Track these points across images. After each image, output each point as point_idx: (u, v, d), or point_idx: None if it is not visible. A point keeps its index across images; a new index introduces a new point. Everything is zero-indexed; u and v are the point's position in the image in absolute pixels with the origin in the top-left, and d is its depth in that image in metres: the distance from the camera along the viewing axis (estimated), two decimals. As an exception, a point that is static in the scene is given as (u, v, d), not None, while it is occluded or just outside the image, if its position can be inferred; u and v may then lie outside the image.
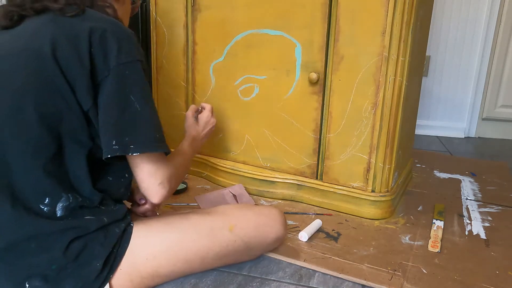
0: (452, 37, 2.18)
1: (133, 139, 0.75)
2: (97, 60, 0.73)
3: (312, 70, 1.20)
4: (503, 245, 1.10)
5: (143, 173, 0.78)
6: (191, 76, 1.42)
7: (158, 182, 0.79)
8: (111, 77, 0.74)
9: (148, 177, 0.78)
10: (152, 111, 0.79)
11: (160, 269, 0.81)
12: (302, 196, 1.31)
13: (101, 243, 0.75)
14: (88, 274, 0.73)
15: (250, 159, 1.38)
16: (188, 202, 1.28)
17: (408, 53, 1.10)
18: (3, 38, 0.76)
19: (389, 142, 1.16)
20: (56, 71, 0.71)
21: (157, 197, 0.80)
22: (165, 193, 0.80)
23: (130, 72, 0.76)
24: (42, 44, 0.72)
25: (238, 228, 0.88)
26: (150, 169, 0.78)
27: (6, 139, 0.70)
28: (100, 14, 0.79)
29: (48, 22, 0.75)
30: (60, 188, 0.73)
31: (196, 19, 1.36)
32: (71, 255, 0.72)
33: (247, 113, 1.34)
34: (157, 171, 0.79)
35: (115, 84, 0.74)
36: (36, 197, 0.72)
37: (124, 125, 0.74)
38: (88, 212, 0.76)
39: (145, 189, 0.79)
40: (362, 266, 0.97)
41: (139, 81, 0.77)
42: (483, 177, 1.62)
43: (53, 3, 0.76)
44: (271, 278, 0.92)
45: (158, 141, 0.78)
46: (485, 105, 2.24)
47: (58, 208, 0.73)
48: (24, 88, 0.71)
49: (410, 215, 1.25)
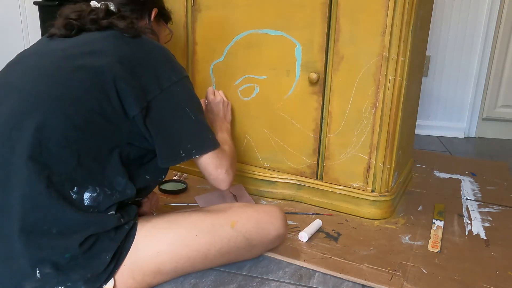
0: (452, 37, 2.18)
1: (194, 144, 0.88)
2: (149, 80, 0.84)
3: (312, 70, 1.20)
4: (503, 245, 1.10)
5: (210, 168, 0.92)
6: (191, 76, 1.42)
7: (224, 171, 0.93)
8: (165, 95, 0.85)
9: (215, 170, 0.92)
10: (202, 115, 0.93)
11: (162, 266, 0.82)
12: (302, 196, 1.31)
13: (111, 238, 0.78)
14: (97, 265, 0.75)
15: (250, 159, 1.38)
16: (188, 202, 1.28)
17: (408, 53, 1.10)
18: (68, 42, 0.85)
19: (389, 142, 1.16)
20: (109, 81, 0.79)
21: (225, 183, 0.95)
22: (231, 178, 0.96)
23: (182, 89, 0.88)
24: (103, 56, 0.81)
25: (239, 224, 0.89)
26: (215, 163, 0.92)
27: (51, 126, 0.75)
28: (151, 39, 0.91)
29: (112, 38, 0.86)
30: (89, 180, 0.77)
31: (196, 19, 1.36)
32: (85, 247, 0.75)
33: (247, 113, 1.34)
34: (221, 162, 0.93)
35: (171, 100, 0.86)
36: (68, 184, 0.75)
37: (185, 134, 0.88)
38: (113, 208, 0.79)
39: (214, 180, 0.94)
40: (362, 266, 0.97)
41: (189, 95, 0.91)
42: (483, 177, 1.62)
43: (118, 22, 0.87)
44: (271, 278, 0.92)
45: (213, 140, 0.92)
46: (485, 105, 2.24)
47: (85, 197, 0.77)
48: (78, 87, 0.78)
49: (410, 215, 1.25)
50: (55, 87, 0.78)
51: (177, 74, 0.88)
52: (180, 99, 0.87)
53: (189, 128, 0.88)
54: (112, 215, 0.79)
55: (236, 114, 1.36)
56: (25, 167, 0.72)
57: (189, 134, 0.88)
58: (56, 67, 0.80)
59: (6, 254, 0.72)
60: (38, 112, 0.75)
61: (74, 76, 0.79)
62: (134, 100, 0.80)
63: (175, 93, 0.87)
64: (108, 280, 0.77)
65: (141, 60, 0.84)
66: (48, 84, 0.78)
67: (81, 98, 0.77)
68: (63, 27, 0.87)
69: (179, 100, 0.87)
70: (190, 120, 0.88)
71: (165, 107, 0.85)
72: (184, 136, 0.87)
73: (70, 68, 0.79)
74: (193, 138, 0.88)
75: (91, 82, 0.78)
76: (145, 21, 1.03)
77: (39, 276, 0.72)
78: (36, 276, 0.71)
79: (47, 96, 0.76)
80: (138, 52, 0.85)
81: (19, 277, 0.72)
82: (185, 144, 0.87)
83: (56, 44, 0.86)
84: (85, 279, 0.74)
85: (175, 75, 0.87)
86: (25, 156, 0.72)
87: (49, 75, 0.79)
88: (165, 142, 0.86)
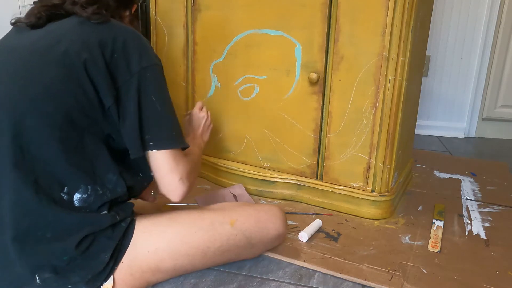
0: (452, 37, 2.18)
1: (153, 136, 0.81)
2: (119, 65, 0.79)
3: (312, 70, 1.20)
4: (503, 245, 1.10)
5: (163, 169, 0.83)
6: (191, 76, 1.42)
7: (179, 177, 0.83)
8: (134, 80, 0.80)
9: (169, 173, 0.83)
10: (171, 110, 0.85)
11: (161, 264, 0.82)
12: (302, 196, 1.31)
13: (108, 236, 0.77)
14: (96, 265, 0.75)
15: (250, 159, 1.38)
16: (188, 202, 1.28)
17: (408, 53, 1.10)
18: (36, 34, 0.81)
19: (389, 142, 1.16)
20: (82, 71, 0.76)
21: (177, 193, 0.85)
22: (185, 189, 0.85)
23: (151, 75, 0.82)
24: (72, 45, 0.77)
25: (239, 222, 0.89)
26: (170, 165, 0.83)
27: (30, 128, 0.73)
28: (121, 24, 0.85)
29: (78, 25, 0.81)
30: (79, 179, 0.76)
31: (196, 19, 1.36)
32: (82, 248, 0.74)
33: (247, 113, 1.34)
34: (178, 167, 0.83)
35: (138, 86, 0.80)
36: (57, 185, 0.74)
37: (146, 124, 0.80)
38: (105, 207, 0.78)
39: (166, 186, 0.84)
40: (362, 266, 0.97)
41: (158, 83, 0.84)
42: (483, 177, 1.62)
43: (82, 11, 0.82)
44: (271, 278, 0.92)
45: (176, 138, 0.84)
46: (485, 105, 2.24)
47: (75, 198, 0.76)
48: (52, 83, 0.75)
49: (410, 215, 1.25)
50: (28, 87, 0.75)
51: (148, 60, 0.83)
52: (147, 86, 0.81)
53: (152, 117, 0.81)
54: (106, 215, 0.77)
55: (236, 114, 1.36)
56: (10, 175, 0.71)
57: (150, 124, 0.81)
58: (26, 65, 0.77)
59: (4, 262, 0.72)
60: (14, 116, 0.73)
61: (46, 72, 0.75)
62: (107, 89, 0.77)
63: (143, 79, 0.81)
64: (107, 278, 0.77)
65: (110, 45, 0.79)
66: (21, 84, 0.75)
67: (56, 96, 0.75)
68: (33, 15, 0.82)
69: (147, 86, 0.81)
70: (155, 110, 0.82)
71: (131, 93, 0.79)
72: (145, 125, 0.80)
73: (41, 64, 0.76)
74: (154, 129, 0.81)
75: (63, 76, 0.75)
76: (126, 12, 0.98)
77: (39, 282, 0.71)
78: (36, 282, 0.71)
79: (21, 98, 0.74)
80: (107, 37, 0.80)
81: (19, 284, 0.71)
82: (144, 134, 0.80)
83: (25, 37, 0.82)
84: (86, 280, 0.74)
85: (146, 61, 0.82)
86: (9, 164, 0.71)
87: (20, 75, 0.76)
88: (128, 131, 0.80)
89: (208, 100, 1.40)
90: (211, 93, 1.39)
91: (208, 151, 1.46)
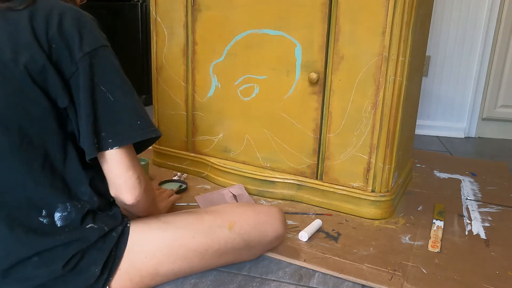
0: (452, 37, 2.18)
1: (110, 133, 0.71)
2: (61, 55, 0.68)
3: (312, 70, 1.20)
4: (503, 245, 1.10)
5: (120, 167, 0.72)
6: (191, 76, 1.42)
7: (136, 176, 0.74)
8: (80, 70, 0.69)
9: (126, 171, 0.73)
10: (128, 98, 0.73)
11: (159, 268, 0.81)
12: (302, 196, 1.31)
13: (98, 248, 0.74)
14: (85, 280, 0.73)
15: (250, 159, 1.38)
16: (188, 202, 1.28)
17: (408, 53, 1.10)
18: None
19: (389, 142, 1.16)
20: (26, 79, 0.66)
21: (132, 193, 0.74)
22: (141, 190, 0.75)
23: (97, 61, 0.70)
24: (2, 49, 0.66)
25: (237, 226, 0.88)
26: (127, 163, 0.73)
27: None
28: (50, 0, 0.71)
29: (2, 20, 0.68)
30: (55, 198, 0.72)
31: (196, 19, 1.36)
32: (70, 266, 0.72)
33: (247, 113, 1.34)
34: (135, 165, 0.74)
35: (84, 77, 0.69)
36: (32, 212, 0.70)
37: (100, 120, 0.70)
38: (89, 220, 0.75)
39: (121, 185, 0.73)
40: (362, 266, 0.97)
41: (108, 69, 0.72)
42: (483, 177, 1.61)
43: None
44: (271, 278, 0.92)
45: (137, 129, 0.73)
46: (485, 105, 2.24)
47: (56, 219, 0.72)
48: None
49: (410, 215, 1.25)
50: None
51: (91, 42, 0.69)
52: (95, 74, 0.69)
53: (106, 111, 0.70)
54: (92, 228, 0.74)
55: (236, 114, 1.36)
56: None
57: (104, 119, 0.70)
58: None
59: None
60: None
61: None
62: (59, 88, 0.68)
63: (88, 67, 0.69)
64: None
65: (45, 33, 0.67)
66: None
67: (5, 119, 0.66)
68: None
69: (94, 75, 0.69)
70: (108, 102, 0.70)
71: (79, 86, 0.69)
72: (99, 122, 0.70)
73: None
74: (109, 125, 0.71)
75: (5, 94, 0.66)
76: None
77: None
78: None
79: None
80: (40, 23, 0.67)
81: None
82: (99, 132, 0.70)
83: None
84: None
85: (88, 44, 0.69)
86: None
87: None
88: (83, 130, 0.70)
89: (208, 100, 1.40)
90: (211, 93, 1.39)
91: (208, 151, 1.46)
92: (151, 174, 1.48)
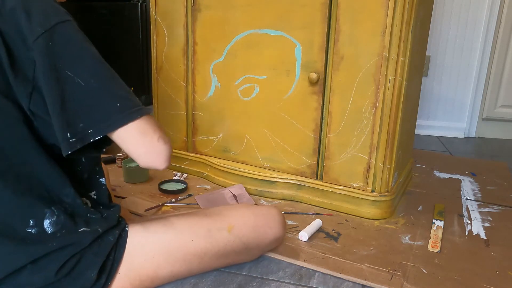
0: (452, 37, 2.18)
1: (88, 123, 0.62)
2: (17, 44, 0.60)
3: (312, 70, 1.20)
4: (503, 245, 1.10)
5: (134, 140, 0.64)
6: (191, 76, 1.42)
7: (156, 137, 0.66)
8: (36, 57, 0.60)
9: (142, 139, 0.65)
10: (101, 78, 0.63)
11: (159, 271, 0.81)
12: (302, 196, 1.31)
13: (94, 252, 0.73)
14: (83, 284, 0.72)
15: (250, 159, 1.38)
16: (188, 202, 1.28)
17: (408, 53, 1.10)
18: None
19: (389, 142, 1.16)
20: None
21: (162, 156, 0.67)
22: (168, 148, 0.67)
23: (54, 42, 0.60)
24: None
25: (236, 228, 0.87)
26: (137, 135, 0.65)
27: None
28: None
29: None
30: (39, 205, 0.70)
31: (196, 19, 1.36)
32: (64, 272, 0.70)
33: (247, 113, 1.34)
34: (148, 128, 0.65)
35: (42, 63, 0.59)
36: (19, 223, 0.68)
37: (72, 110, 0.61)
38: (81, 223, 0.73)
39: (146, 154, 0.66)
40: (362, 266, 0.97)
41: (71, 48, 0.61)
42: (483, 177, 1.61)
43: None
44: (271, 278, 0.92)
45: (121, 109, 0.63)
46: (485, 105, 2.24)
47: (46, 226, 0.70)
48: None
49: (410, 215, 1.25)
50: None
51: (42, 22, 0.59)
52: (54, 58, 0.60)
53: (77, 99, 0.61)
54: (85, 231, 0.71)
55: (236, 114, 1.36)
56: None
57: (77, 108, 0.61)
58: None
59: None
60: None
61: None
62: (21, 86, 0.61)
63: (44, 52, 0.59)
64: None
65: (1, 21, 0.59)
66: None
67: None
68: None
69: (53, 61, 0.60)
70: (77, 88, 0.61)
71: (41, 76, 0.60)
72: (71, 112, 0.61)
73: None
74: (84, 114, 0.62)
75: None
76: None
77: None
78: None
79: None
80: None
81: None
82: (76, 124, 0.62)
83: None
84: None
85: (39, 24, 0.59)
86: None
87: None
88: (55, 123, 0.63)
89: (208, 100, 1.40)
90: (211, 93, 1.39)
91: (208, 151, 1.46)
92: (151, 174, 1.48)
